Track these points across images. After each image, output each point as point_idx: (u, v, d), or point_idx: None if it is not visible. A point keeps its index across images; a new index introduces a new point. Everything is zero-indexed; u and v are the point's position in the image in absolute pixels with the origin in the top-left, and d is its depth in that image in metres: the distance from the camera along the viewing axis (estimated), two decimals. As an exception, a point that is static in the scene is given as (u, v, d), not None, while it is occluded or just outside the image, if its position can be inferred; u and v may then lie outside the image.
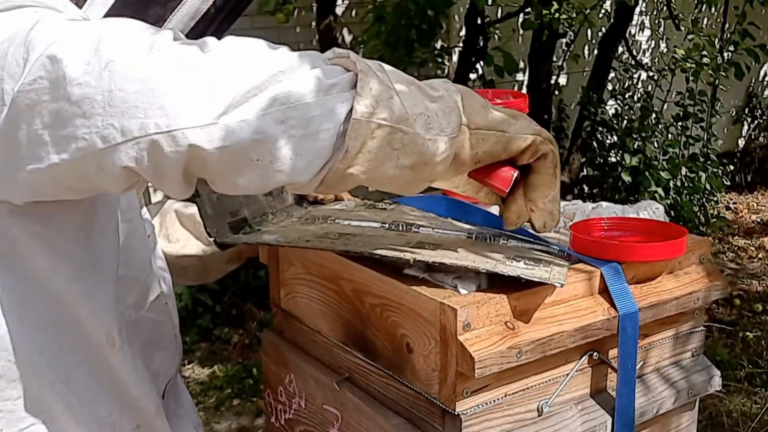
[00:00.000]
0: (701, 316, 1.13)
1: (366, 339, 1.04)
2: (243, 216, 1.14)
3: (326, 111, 0.76)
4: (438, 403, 0.94)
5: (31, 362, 0.89)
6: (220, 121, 0.73)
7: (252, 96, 0.74)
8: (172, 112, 0.72)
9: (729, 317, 4.23)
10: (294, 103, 0.75)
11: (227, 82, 0.74)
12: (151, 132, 0.73)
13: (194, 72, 0.74)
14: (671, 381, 1.10)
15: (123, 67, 0.72)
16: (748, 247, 5.32)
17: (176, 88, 0.73)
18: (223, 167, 0.76)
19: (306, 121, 0.75)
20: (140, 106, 0.72)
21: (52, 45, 0.73)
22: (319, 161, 0.78)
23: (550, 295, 0.95)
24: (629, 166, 4.95)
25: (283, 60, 0.77)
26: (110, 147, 0.74)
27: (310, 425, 1.17)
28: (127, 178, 0.77)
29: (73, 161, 0.75)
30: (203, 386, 3.62)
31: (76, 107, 0.73)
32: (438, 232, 1.10)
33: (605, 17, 5.34)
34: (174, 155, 0.74)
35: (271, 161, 0.75)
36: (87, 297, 0.91)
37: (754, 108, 6.77)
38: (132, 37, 0.75)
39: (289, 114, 0.75)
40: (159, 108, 0.72)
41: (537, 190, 0.92)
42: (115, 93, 0.72)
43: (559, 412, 1.00)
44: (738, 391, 3.45)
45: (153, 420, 1.02)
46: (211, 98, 0.73)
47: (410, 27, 4.00)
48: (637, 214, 1.15)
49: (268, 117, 0.74)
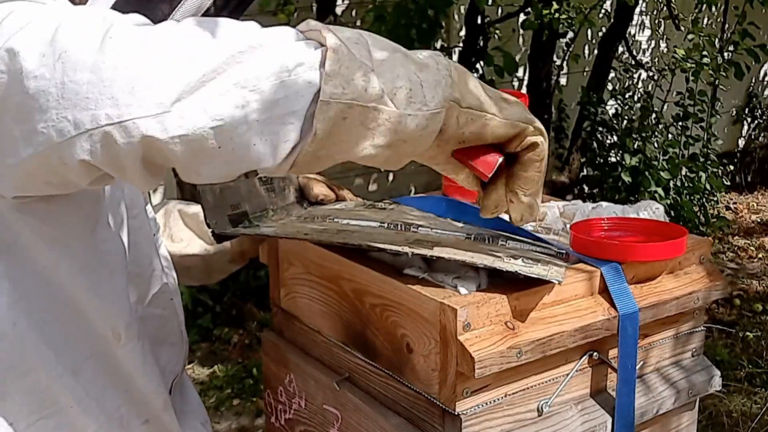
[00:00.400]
0: (701, 316, 1.13)
1: (366, 339, 1.04)
2: (244, 210, 1.14)
3: (291, 93, 0.72)
4: (438, 403, 0.94)
5: (39, 355, 0.89)
6: (174, 109, 0.70)
7: (209, 80, 0.70)
8: (122, 102, 0.69)
9: (729, 317, 4.23)
10: (255, 86, 0.71)
11: (182, 66, 0.70)
12: (102, 123, 0.70)
13: (147, 58, 0.70)
14: (671, 381, 1.10)
15: (75, 57, 0.70)
16: (748, 247, 5.32)
17: (127, 76, 0.69)
18: (184, 156, 0.72)
19: (269, 104, 0.71)
20: (91, 97, 0.70)
21: (11, 38, 0.71)
22: (286, 145, 0.74)
23: (549, 295, 0.95)
24: (629, 166, 4.95)
25: (244, 38, 0.73)
26: (66, 141, 0.72)
27: (310, 425, 1.17)
28: (88, 171, 0.75)
29: (37, 156, 0.74)
30: (203, 386, 3.62)
31: (33, 101, 0.71)
32: (437, 232, 1.10)
33: (605, 17, 5.34)
34: (128, 146, 0.71)
35: (233, 148, 0.72)
36: (91, 292, 0.91)
37: (754, 108, 6.77)
38: (87, 26, 0.72)
39: (250, 97, 0.71)
40: (109, 98, 0.69)
41: (520, 182, 0.87)
42: (67, 85, 0.70)
43: (559, 412, 1.00)
44: (738, 391, 3.45)
45: (161, 415, 1.03)
46: (164, 84, 0.70)
47: (410, 27, 4.00)
48: (637, 214, 1.15)
49: (226, 101, 0.70)
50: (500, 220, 1.13)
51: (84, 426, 0.94)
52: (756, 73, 6.64)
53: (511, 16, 4.75)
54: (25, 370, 0.89)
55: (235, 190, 1.13)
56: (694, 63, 4.89)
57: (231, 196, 1.12)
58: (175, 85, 0.70)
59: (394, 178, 5.09)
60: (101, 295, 0.92)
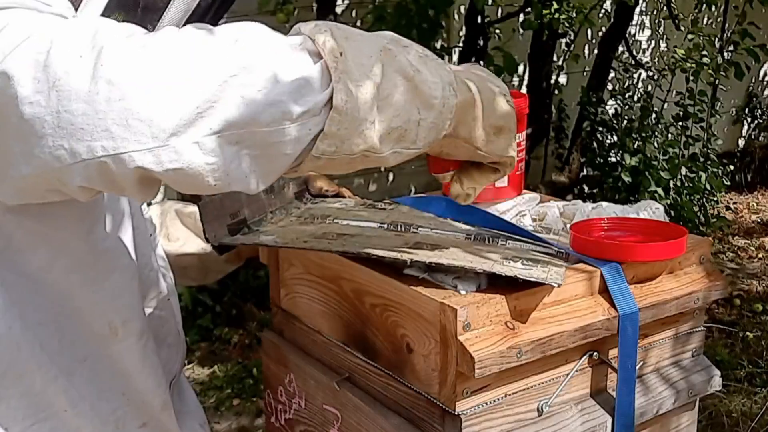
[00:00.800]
0: (701, 316, 1.13)
1: (366, 339, 1.04)
2: (243, 217, 1.14)
3: (289, 140, 0.73)
4: (438, 403, 0.94)
5: (34, 357, 0.89)
6: (170, 143, 0.70)
7: (204, 111, 0.70)
8: (117, 135, 0.70)
9: (729, 317, 4.23)
10: (254, 129, 0.71)
11: (176, 97, 0.70)
12: (98, 155, 0.70)
13: (139, 88, 0.70)
14: (671, 381, 1.10)
15: (68, 87, 0.70)
16: (748, 247, 5.32)
17: (121, 108, 0.70)
18: (178, 184, 0.73)
19: (265, 145, 0.72)
20: (86, 128, 0.70)
21: (5, 59, 0.71)
22: (273, 176, 0.76)
23: (549, 295, 0.95)
24: (629, 166, 4.95)
25: (238, 59, 0.71)
26: (63, 167, 0.72)
27: (310, 425, 1.17)
28: (87, 192, 0.76)
29: (36, 175, 0.75)
30: (203, 386, 3.62)
31: (29, 125, 0.71)
32: (436, 232, 1.10)
33: (605, 17, 5.34)
34: (124, 175, 0.72)
35: (229, 183, 0.73)
36: (87, 288, 0.91)
37: (754, 108, 6.77)
38: (78, 47, 0.71)
39: (247, 138, 0.71)
40: (104, 131, 0.70)
41: (469, 178, 0.94)
42: (62, 114, 0.70)
43: (559, 412, 1.00)
44: (738, 391, 3.45)
45: (160, 416, 1.03)
46: (159, 118, 0.70)
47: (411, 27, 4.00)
48: (637, 214, 1.15)
49: (221, 140, 0.71)
50: (500, 220, 1.13)
51: (78, 429, 0.94)
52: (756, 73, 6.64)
53: (511, 16, 4.75)
54: (20, 373, 0.88)
55: (236, 197, 1.13)
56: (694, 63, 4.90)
57: (231, 204, 1.12)
58: (170, 119, 0.70)
59: (394, 178, 5.09)
60: (97, 291, 0.92)
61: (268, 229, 1.14)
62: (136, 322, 0.97)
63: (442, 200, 1.23)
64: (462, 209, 1.18)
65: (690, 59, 4.93)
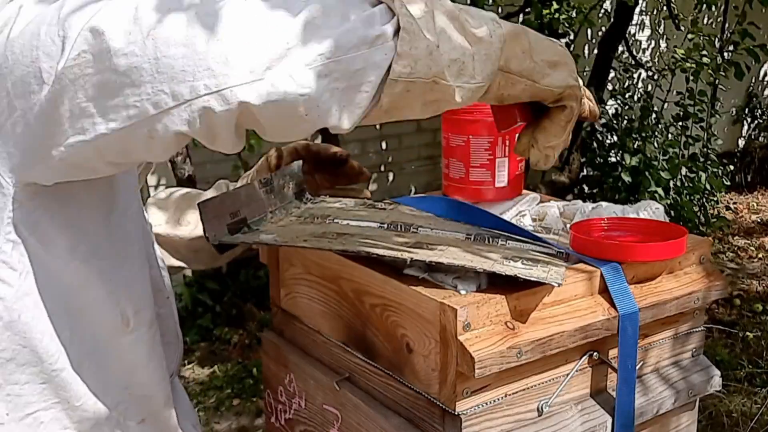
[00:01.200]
0: (701, 316, 1.13)
1: (366, 339, 1.04)
2: (242, 216, 1.14)
3: (369, 64, 0.76)
4: (438, 403, 0.94)
5: (42, 347, 0.89)
6: (266, 77, 0.74)
7: (293, 47, 0.74)
8: (219, 72, 0.73)
9: (729, 317, 4.23)
10: (338, 56, 0.75)
11: (268, 35, 0.74)
12: (201, 93, 0.74)
13: (234, 29, 0.74)
14: (671, 381, 1.10)
15: (165, 33, 0.73)
16: (748, 247, 5.32)
17: (220, 48, 0.73)
18: (273, 120, 0.77)
19: (350, 74, 0.76)
20: (188, 69, 0.73)
21: (91, 19, 0.74)
22: (358, 111, 0.79)
23: (549, 295, 0.95)
24: (629, 166, 4.95)
25: (319, 2, 0.77)
26: (162, 112, 0.75)
27: (310, 425, 1.17)
28: (177, 143, 0.79)
29: (122, 129, 0.77)
30: (203, 386, 3.62)
31: (124, 77, 0.74)
32: (436, 232, 1.10)
33: (605, 17, 5.34)
34: (225, 114, 0.75)
35: (319, 115, 0.77)
36: (103, 276, 0.92)
37: (754, 108, 6.77)
38: (166, 2, 0.76)
39: (333, 68, 0.75)
40: (206, 69, 0.73)
41: (543, 133, 0.94)
42: (161, 60, 0.73)
43: (559, 412, 1.00)
44: (738, 391, 3.45)
45: (161, 411, 1.03)
46: (255, 54, 0.74)
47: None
48: (637, 214, 1.15)
49: (312, 71, 0.75)
50: (500, 220, 1.13)
51: (80, 422, 0.94)
52: (756, 73, 6.65)
53: (511, 16, 4.75)
54: (26, 361, 0.89)
55: (235, 197, 1.13)
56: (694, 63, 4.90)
57: (231, 203, 1.12)
58: (265, 53, 0.74)
59: (394, 178, 5.10)
60: (113, 278, 0.93)
61: (267, 228, 1.14)
62: (147, 312, 0.98)
63: (442, 200, 1.23)
64: (462, 209, 1.18)
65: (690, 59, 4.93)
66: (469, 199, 1.25)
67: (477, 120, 1.25)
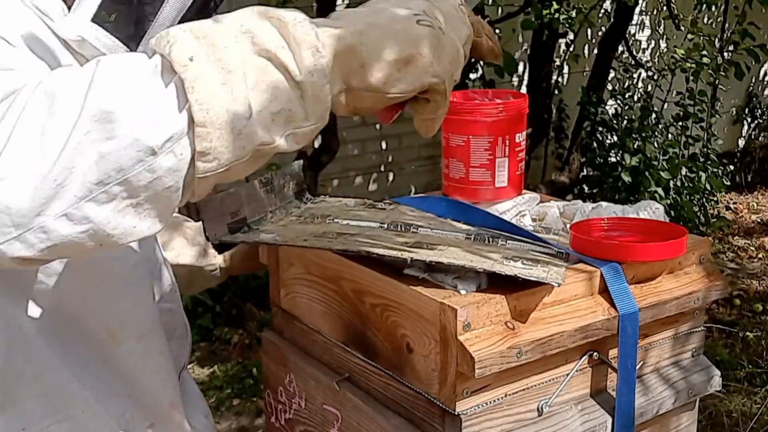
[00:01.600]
0: (701, 316, 1.13)
1: (366, 339, 1.04)
2: (243, 216, 1.14)
3: (162, 173, 0.67)
4: (438, 403, 0.94)
5: (47, 359, 0.90)
6: (35, 225, 0.66)
7: (64, 180, 0.65)
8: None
9: (729, 317, 4.23)
10: (120, 178, 0.66)
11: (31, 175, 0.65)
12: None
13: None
14: (671, 381, 1.10)
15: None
16: (748, 247, 5.32)
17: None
18: (63, 255, 0.70)
19: (141, 188, 0.67)
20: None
21: None
22: (169, 212, 0.71)
23: (549, 295, 0.95)
24: (629, 166, 4.95)
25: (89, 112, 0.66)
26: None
27: (310, 425, 1.17)
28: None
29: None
30: (203, 386, 3.62)
31: None
32: (436, 232, 1.10)
33: (605, 17, 5.34)
34: (9, 266, 0.69)
35: (118, 238, 0.69)
36: (78, 294, 0.92)
37: (754, 108, 6.77)
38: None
39: (117, 191, 0.67)
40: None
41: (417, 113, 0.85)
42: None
43: (559, 412, 1.00)
44: (738, 391, 3.45)
45: (169, 414, 1.03)
46: (18, 202, 0.65)
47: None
48: (637, 214, 1.15)
49: (91, 203, 0.66)
50: (500, 220, 1.13)
51: (95, 431, 0.94)
52: (756, 73, 6.64)
53: (511, 16, 4.75)
54: (37, 375, 0.89)
55: (236, 196, 1.13)
56: (694, 63, 4.90)
57: (232, 203, 1.12)
58: (29, 200, 0.65)
59: (394, 178, 5.10)
60: (89, 297, 0.93)
61: (267, 228, 1.14)
62: (135, 326, 0.98)
63: (442, 200, 1.23)
64: (462, 209, 1.19)
65: (690, 59, 4.93)
66: (469, 199, 1.25)
67: (477, 120, 1.25)
